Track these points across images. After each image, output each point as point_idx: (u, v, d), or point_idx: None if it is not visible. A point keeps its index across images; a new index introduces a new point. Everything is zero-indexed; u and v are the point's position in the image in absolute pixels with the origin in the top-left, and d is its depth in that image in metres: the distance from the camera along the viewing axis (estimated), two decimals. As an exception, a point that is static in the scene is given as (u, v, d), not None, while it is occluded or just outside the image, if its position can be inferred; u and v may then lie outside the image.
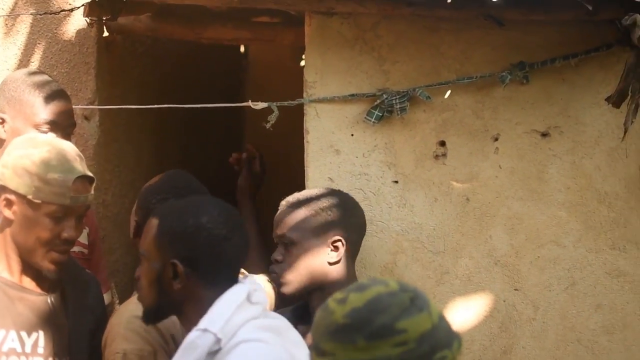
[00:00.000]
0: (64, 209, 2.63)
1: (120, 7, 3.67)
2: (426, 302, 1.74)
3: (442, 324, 1.74)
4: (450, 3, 3.11)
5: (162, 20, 3.93)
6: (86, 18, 3.74)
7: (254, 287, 2.42)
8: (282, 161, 4.63)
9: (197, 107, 3.52)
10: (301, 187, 3.39)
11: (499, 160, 3.35)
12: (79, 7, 3.74)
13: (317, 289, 3.05)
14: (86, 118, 3.80)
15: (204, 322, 2.30)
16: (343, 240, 3.05)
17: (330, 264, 3.05)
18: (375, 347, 1.67)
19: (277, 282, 3.10)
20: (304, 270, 3.05)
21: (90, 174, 2.72)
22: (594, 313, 3.35)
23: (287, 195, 3.17)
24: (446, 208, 3.35)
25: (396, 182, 3.37)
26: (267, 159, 3.74)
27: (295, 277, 3.06)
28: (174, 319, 2.52)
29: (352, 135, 3.37)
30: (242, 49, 5.79)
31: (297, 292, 3.10)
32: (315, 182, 3.37)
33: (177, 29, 3.96)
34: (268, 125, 3.35)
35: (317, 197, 3.13)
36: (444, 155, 3.36)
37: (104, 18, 3.78)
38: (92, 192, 2.74)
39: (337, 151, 3.37)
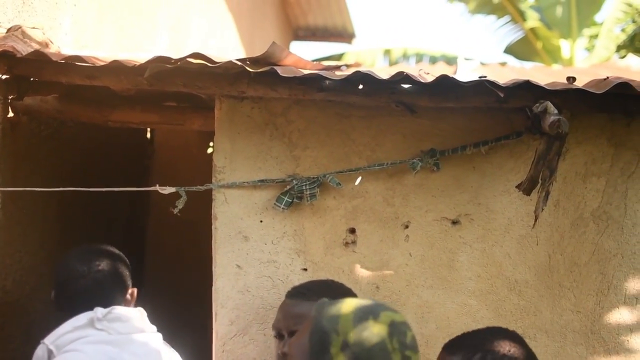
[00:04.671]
0: None
1: (26, 87, 3.60)
2: None
3: None
4: (361, 89, 3.12)
5: (69, 101, 3.86)
6: (-9, 97, 3.64)
7: (116, 316, 3.12)
8: (189, 248, 4.55)
9: (103, 193, 3.44)
10: (209, 273, 3.32)
11: (409, 247, 3.33)
12: (-17, 86, 3.65)
13: None
14: (-13, 200, 3.67)
15: (45, 337, 3.07)
16: None
17: None
18: None
19: None
20: None
21: None
22: (505, 403, 3.31)
23: (194, 281, 3.09)
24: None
25: (305, 269, 3.32)
26: (175, 244, 3.67)
27: None
28: None
29: (261, 221, 3.32)
30: (148, 134, 5.71)
31: None
32: (224, 269, 3.31)
33: (85, 111, 3.89)
34: (176, 211, 3.28)
35: (322, 289, 3.01)
36: (354, 242, 3.33)
37: (10, 97, 3.68)
38: None
39: (246, 237, 3.31)
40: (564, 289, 3.35)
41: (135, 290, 3.35)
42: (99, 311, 3.09)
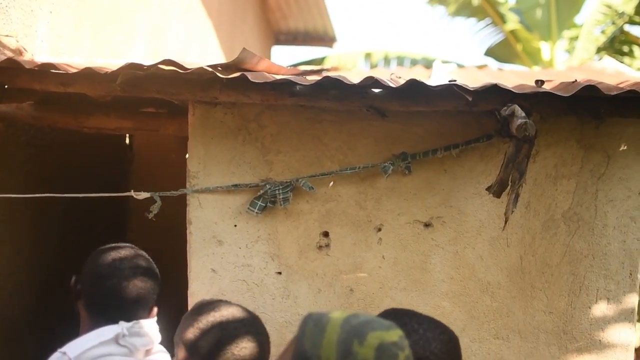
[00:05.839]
0: None
1: (1, 94, 3.59)
2: None
3: None
4: (332, 94, 3.13)
5: (44, 108, 3.86)
6: (-34, 105, 3.65)
7: (136, 331, 2.91)
8: (165, 252, 4.55)
9: (80, 198, 3.45)
10: (184, 278, 3.34)
11: (382, 250, 3.35)
12: (-42, 95, 3.65)
13: None
14: (-37, 207, 3.68)
15: (66, 346, 2.79)
16: None
17: None
18: None
19: None
20: None
21: None
22: (478, 404, 3.34)
23: (169, 288, 3.10)
24: (330, 299, 3.32)
25: (280, 273, 3.34)
26: (156, 248, 3.68)
27: None
28: None
29: (236, 225, 3.34)
30: (127, 140, 5.72)
31: None
32: (198, 273, 3.33)
33: (60, 118, 3.89)
34: (151, 216, 3.30)
35: (200, 309, 2.81)
36: (328, 245, 3.35)
37: (-15, 105, 3.69)
38: None
39: (220, 242, 3.33)
40: (536, 290, 3.38)
41: (156, 308, 3.11)
42: (124, 326, 2.91)
